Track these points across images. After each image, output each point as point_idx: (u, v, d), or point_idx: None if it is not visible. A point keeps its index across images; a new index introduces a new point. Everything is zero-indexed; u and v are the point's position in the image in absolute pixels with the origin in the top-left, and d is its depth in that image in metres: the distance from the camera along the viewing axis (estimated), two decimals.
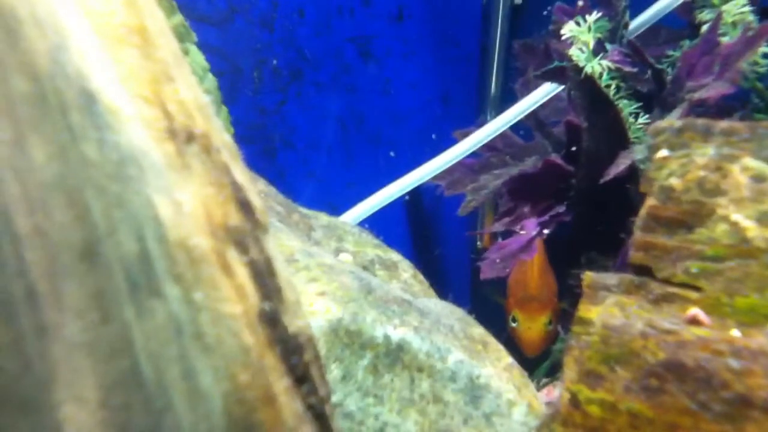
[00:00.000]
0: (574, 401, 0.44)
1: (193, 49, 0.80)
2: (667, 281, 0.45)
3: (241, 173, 0.34)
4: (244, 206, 0.33)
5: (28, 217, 0.25)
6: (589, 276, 0.50)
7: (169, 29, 0.33)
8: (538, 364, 1.12)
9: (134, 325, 0.27)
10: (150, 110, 0.30)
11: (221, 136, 0.34)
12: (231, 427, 0.28)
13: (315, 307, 0.59)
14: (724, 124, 0.46)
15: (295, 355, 0.32)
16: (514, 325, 1.18)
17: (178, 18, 0.77)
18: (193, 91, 0.33)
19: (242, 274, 0.31)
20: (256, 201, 0.34)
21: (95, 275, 0.27)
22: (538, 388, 1.04)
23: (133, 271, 0.27)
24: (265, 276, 0.32)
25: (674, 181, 0.46)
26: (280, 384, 0.30)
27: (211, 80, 0.83)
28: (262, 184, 0.82)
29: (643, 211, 0.48)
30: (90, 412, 0.26)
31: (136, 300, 0.27)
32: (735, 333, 0.41)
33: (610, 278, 0.48)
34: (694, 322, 0.42)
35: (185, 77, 0.33)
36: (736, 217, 0.43)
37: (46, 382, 0.25)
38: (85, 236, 0.27)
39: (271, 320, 0.31)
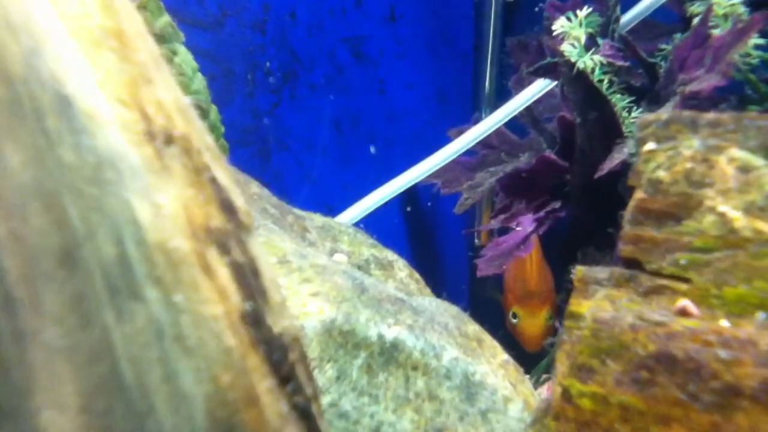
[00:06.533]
0: (566, 395, 0.44)
1: (182, 49, 0.80)
2: (656, 273, 0.45)
3: (223, 174, 0.34)
4: (227, 207, 0.33)
5: (4, 222, 0.25)
6: (580, 270, 0.50)
7: (148, 31, 0.33)
8: (537, 360, 1.12)
9: (114, 329, 0.27)
10: (128, 113, 0.30)
11: (203, 137, 0.34)
12: (214, 428, 0.28)
13: (308, 308, 0.59)
14: (710, 115, 0.46)
15: (279, 355, 0.32)
16: (514, 321, 1.18)
17: (166, 18, 0.77)
18: (172, 93, 0.33)
19: (224, 275, 0.30)
20: (240, 202, 0.34)
21: (74, 280, 0.27)
22: (539, 385, 1.04)
23: (113, 274, 0.27)
24: (248, 277, 0.32)
25: (662, 174, 0.46)
26: (264, 384, 0.30)
27: (200, 80, 0.83)
28: (255, 186, 0.82)
29: (631, 204, 0.47)
30: (70, 417, 0.26)
31: (115, 304, 0.27)
32: (724, 323, 0.41)
33: (601, 272, 0.48)
34: (684, 313, 0.42)
35: (164, 79, 0.33)
36: (724, 208, 0.43)
37: (25, 388, 0.25)
38: (63, 241, 0.27)
39: (255, 321, 0.31)
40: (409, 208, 1.40)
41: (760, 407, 0.37)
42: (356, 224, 1.11)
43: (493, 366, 0.64)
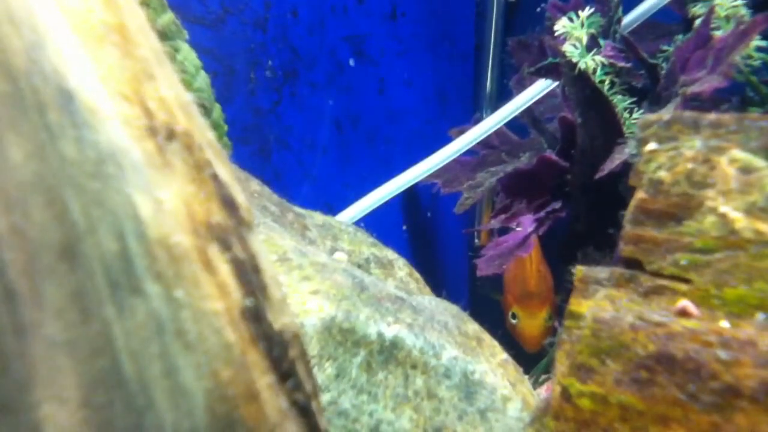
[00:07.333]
0: (566, 395, 0.44)
1: (185, 47, 0.80)
2: (656, 274, 0.45)
3: (225, 171, 0.34)
4: (228, 203, 0.33)
5: (5, 216, 0.25)
6: (580, 270, 0.50)
7: (150, 27, 0.33)
8: (536, 360, 1.12)
9: (115, 323, 0.27)
10: (130, 108, 0.30)
11: (205, 133, 0.34)
12: (213, 423, 0.28)
13: (308, 306, 0.59)
14: (711, 116, 0.46)
15: (279, 351, 0.32)
16: (514, 321, 1.18)
17: (169, 16, 0.77)
18: (174, 89, 0.33)
19: (224, 271, 0.30)
20: (241, 198, 0.34)
21: (75, 274, 0.27)
22: (538, 385, 1.04)
23: (114, 269, 0.27)
24: (248, 273, 0.32)
25: (663, 174, 0.46)
26: (263, 380, 0.30)
27: (203, 78, 0.82)
28: (255, 184, 0.82)
29: (632, 204, 0.47)
30: (70, 411, 0.26)
31: (116, 298, 0.27)
32: (724, 324, 0.41)
33: (601, 272, 0.48)
34: (684, 313, 0.42)
35: (167, 75, 0.33)
36: (724, 208, 0.43)
37: (25, 381, 0.25)
38: (64, 235, 0.27)
39: (255, 317, 0.31)
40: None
41: (759, 408, 0.37)
42: (356, 223, 1.11)
43: (492, 365, 0.64)
